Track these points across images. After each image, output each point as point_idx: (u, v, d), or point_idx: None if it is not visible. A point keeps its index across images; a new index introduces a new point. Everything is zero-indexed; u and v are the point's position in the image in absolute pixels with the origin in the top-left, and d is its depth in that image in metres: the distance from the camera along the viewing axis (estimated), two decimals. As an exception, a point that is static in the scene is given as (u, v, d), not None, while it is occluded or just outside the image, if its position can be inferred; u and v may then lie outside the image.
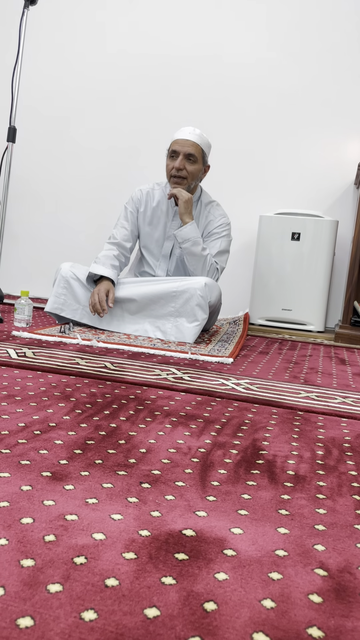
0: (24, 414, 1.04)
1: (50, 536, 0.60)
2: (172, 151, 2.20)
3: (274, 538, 0.66)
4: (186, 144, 2.18)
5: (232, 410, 1.23)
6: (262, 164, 3.13)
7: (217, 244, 2.27)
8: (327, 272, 2.78)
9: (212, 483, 0.80)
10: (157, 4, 3.21)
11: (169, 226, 2.33)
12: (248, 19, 3.10)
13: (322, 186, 3.05)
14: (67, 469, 0.80)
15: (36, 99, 3.37)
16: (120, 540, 0.61)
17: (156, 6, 3.21)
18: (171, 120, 3.13)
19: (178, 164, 2.17)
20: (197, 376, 1.54)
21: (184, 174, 2.19)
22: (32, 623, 0.46)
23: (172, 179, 2.21)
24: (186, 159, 2.18)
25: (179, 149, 2.18)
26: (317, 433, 1.12)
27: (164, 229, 2.34)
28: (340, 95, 3.01)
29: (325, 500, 0.79)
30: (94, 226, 3.32)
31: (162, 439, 0.98)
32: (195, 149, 2.18)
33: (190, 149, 2.17)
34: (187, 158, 2.18)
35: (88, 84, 3.32)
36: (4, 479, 0.74)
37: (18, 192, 3.40)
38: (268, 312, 2.86)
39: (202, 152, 2.21)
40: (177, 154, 2.19)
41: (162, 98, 3.23)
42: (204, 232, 2.30)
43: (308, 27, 3.03)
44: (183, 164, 2.18)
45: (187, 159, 2.18)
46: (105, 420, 1.06)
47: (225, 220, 2.31)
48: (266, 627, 0.49)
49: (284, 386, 1.52)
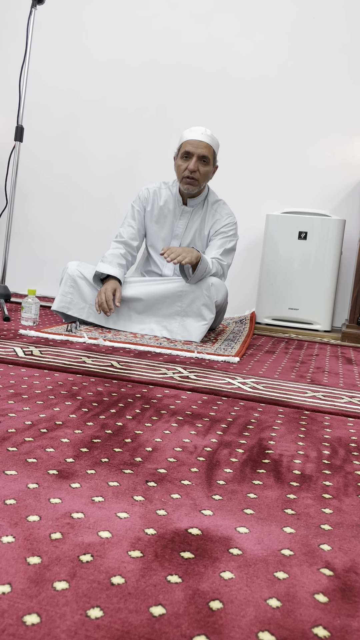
0: (31, 412, 1.04)
1: (56, 534, 0.60)
2: (185, 152, 2.16)
3: (279, 537, 0.66)
4: (200, 146, 2.14)
5: (238, 409, 1.23)
6: (269, 163, 3.12)
7: (223, 242, 2.27)
8: (334, 271, 2.77)
9: (218, 482, 0.81)
10: (165, 2, 3.21)
11: (175, 225, 2.32)
12: (255, 19, 3.09)
13: (329, 185, 3.04)
14: (74, 467, 0.80)
15: (44, 98, 3.37)
16: (126, 539, 0.61)
17: (164, 5, 3.21)
18: (178, 119, 3.14)
19: (192, 167, 2.14)
20: (203, 375, 1.54)
21: (197, 176, 2.16)
22: (38, 620, 0.46)
23: (185, 180, 2.18)
24: (199, 161, 2.16)
25: (193, 151, 2.14)
26: (323, 433, 1.12)
27: (170, 228, 2.33)
28: (348, 94, 2.99)
29: (332, 500, 0.78)
30: (101, 225, 3.32)
31: (168, 438, 0.98)
32: (209, 150, 2.16)
33: (204, 151, 2.14)
34: (200, 160, 2.16)
35: (95, 83, 3.33)
36: (10, 476, 0.74)
37: (25, 191, 3.41)
38: (274, 311, 2.85)
39: (213, 153, 2.19)
40: (190, 155, 2.15)
41: (169, 97, 3.22)
42: (210, 230, 2.30)
43: (316, 26, 3.01)
44: (197, 166, 2.15)
45: (201, 161, 2.16)
46: (111, 418, 1.06)
47: (232, 219, 2.31)
48: (272, 626, 0.49)
49: (290, 385, 1.52)
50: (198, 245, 2.33)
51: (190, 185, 2.19)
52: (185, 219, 2.30)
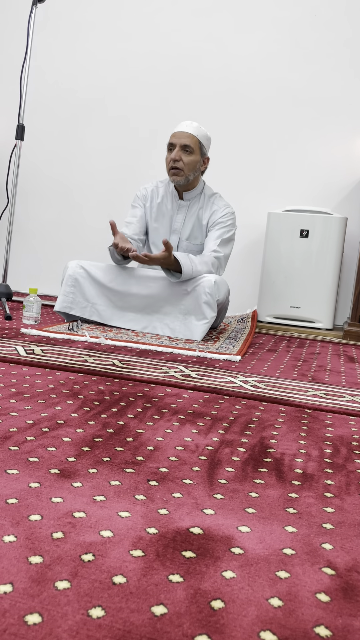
0: (33, 411, 1.04)
1: (58, 533, 0.60)
2: (170, 144, 2.24)
3: (281, 536, 0.65)
4: (182, 136, 2.21)
5: (240, 408, 1.23)
6: (271, 161, 3.11)
7: (221, 232, 2.29)
8: (336, 269, 2.76)
9: (219, 481, 0.80)
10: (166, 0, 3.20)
11: (173, 220, 2.36)
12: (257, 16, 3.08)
13: (330, 183, 3.04)
14: (75, 466, 0.80)
15: (45, 97, 3.37)
16: (128, 538, 0.61)
17: (165, 3, 3.20)
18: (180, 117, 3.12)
19: (174, 155, 2.20)
20: (205, 374, 1.53)
21: (180, 165, 2.21)
22: (40, 620, 0.46)
23: (170, 171, 2.24)
24: (182, 150, 2.21)
25: (175, 141, 2.22)
26: (325, 431, 1.11)
27: (169, 223, 2.37)
28: (349, 92, 2.99)
29: (333, 499, 0.78)
30: (102, 223, 3.31)
31: (169, 437, 0.98)
32: (191, 140, 2.21)
33: (185, 140, 2.20)
34: (183, 149, 2.21)
35: (96, 81, 3.32)
36: (12, 475, 0.74)
37: (27, 189, 3.41)
38: (276, 309, 2.85)
39: (199, 142, 2.23)
40: (174, 146, 2.22)
41: (170, 95, 3.22)
42: (208, 222, 2.32)
43: (317, 22, 3.00)
44: (179, 155, 2.20)
45: (184, 150, 2.21)
46: (113, 417, 1.06)
47: (230, 209, 2.33)
48: (273, 626, 0.49)
49: (292, 384, 1.52)
50: (198, 237, 2.36)
51: (175, 176, 2.24)
52: (182, 213, 2.35)
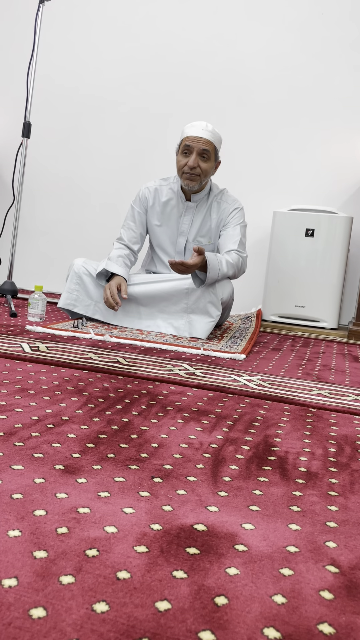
0: (37, 408, 1.04)
1: (62, 528, 0.61)
2: (185, 147, 2.13)
3: (285, 534, 0.66)
4: (200, 141, 2.11)
5: (244, 406, 1.23)
6: (276, 160, 3.11)
7: (236, 231, 2.23)
8: (341, 268, 2.76)
9: (223, 478, 0.81)
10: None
11: (180, 222, 2.30)
12: (265, 14, 3.08)
13: (336, 182, 3.03)
14: (80, 462, 0.80)
15: (51, 95, 3.37)
16: (132, 534, 0.61)
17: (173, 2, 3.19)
18: (185, 115, 3.12)
19: (192, 163, 2.11)
20: (209, 372, 1.54)
21: (197, 172, 2.14)
22: (44, 614, 0.46)
23: (185, 176, 2.16)
24: (199, 156, 2.13)
25: (193, 145, 2.11)
26: (329, 430, 1.11)
27: (176, 225, 2.31)
28: (355, 91, 2.98)
29: (337, 498, 0.78)
30: (107, 221, 3.32)
31: (174, 434, 0.98)
32: (209, 146, 2.13)
33: (204, 146, 2.11)
34: (200, 155, 2.13)
35: (102, 79, 3.32)
36: (17, 471, 0.74)
37: (32, 187, 3.42)
38: (281, 308, 2.84)
39: (215, 148, 2.16)
40: (190, 150, 2.12)
41: (176, 93, 3.21)
42: (219, 221, 2.27)
43: (324, 21, 3.00)
44: (197, 162, 2.12)
45: (201, 157, 2.13)
46: (117, 414, 1.06)
47: (239, 204, 2.28)
48: (277, 623, 0.49)
49: (296, 383, 1.52)
50: (206, 237, 2.31)
51: (190, 181, 2.16)
52: (189, 215, 2.29)
